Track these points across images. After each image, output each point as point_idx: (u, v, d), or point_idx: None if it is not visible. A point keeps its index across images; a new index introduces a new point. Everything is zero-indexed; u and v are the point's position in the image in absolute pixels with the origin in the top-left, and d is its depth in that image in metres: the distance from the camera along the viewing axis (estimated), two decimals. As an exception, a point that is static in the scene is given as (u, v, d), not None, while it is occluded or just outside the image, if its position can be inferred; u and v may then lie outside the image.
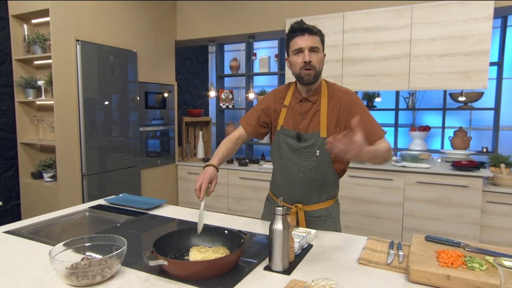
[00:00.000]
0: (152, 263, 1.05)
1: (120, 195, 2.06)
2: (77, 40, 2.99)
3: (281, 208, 1.14)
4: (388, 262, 1.19)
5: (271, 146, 1.67)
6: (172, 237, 1.26)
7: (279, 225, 1.13)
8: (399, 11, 3.18)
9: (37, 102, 3.22)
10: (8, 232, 1.48)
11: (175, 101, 4.24)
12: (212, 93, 4.43)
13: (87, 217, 1.78)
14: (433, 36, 3.08)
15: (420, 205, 3.06)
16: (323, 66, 1.52)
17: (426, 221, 3.05)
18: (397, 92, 3.90)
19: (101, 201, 1.97)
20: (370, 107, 3.94)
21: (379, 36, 3.27)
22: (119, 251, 1.08)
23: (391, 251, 1.26)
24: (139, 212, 1.79)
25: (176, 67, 4.32)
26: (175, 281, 1.07)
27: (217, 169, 1.48)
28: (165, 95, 4.07)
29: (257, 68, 4.68)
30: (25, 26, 3.11)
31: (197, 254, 1.20)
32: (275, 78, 4.59)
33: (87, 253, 1.17)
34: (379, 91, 3.93)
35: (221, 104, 4.74)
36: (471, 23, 2.95)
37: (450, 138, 3.59)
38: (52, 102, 2.94)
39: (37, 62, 3.20)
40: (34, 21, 3.15)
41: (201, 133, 4.45)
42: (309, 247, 1.34)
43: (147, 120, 3.83)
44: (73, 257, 1.13)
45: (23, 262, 1.20)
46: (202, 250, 1.23)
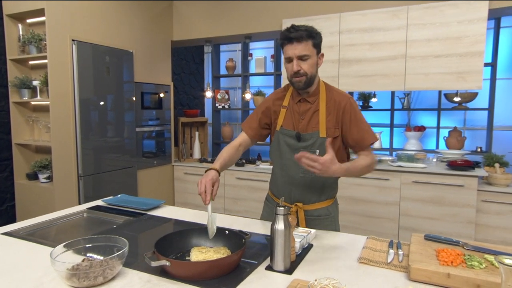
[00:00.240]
0: (154, 263, 1.05)
1: (118, 195, 2.05)
2: (73, 40, 2.97)
3: (282, 208, 1.15)
4: (389, 261, 1.20)
5: (271, 146, 1.68)
6: (173, 238, 1.26)
7: (280, 225, 1.13)
8: (395, 12, 3.20)
9: (32, 103, 3.19)
10: (6, 233, 1.46)
11: (171, 102, 4.22)
12: (209, 93, 4.43)
13: (85, 218, 1.77)
14: (429, 37, 3.10)
15: (416, 204, 3.09)
16: (317, 68, 1.53)
17: (422, 220, 3.08)
18: (392, 93, 3.93)
19: (99, 202, 1.95)
20: (366, 107, 3.96)
21: (375, 36, 3.29)
22: (120, 252, 1.07)
23: (391, 250, 1.27)
24: (137, 213, 1.79)
25: (172, 67, 4.30)
26: (177, 281, 1.06)
27: (219, 173, 1.44)
28: (161, 95, 4.05)
29: (253, 69, 4.68)
30: (19, 26, 3.09)
31: (198, 255, 1.20)
32: (271, 79, 4.59)
33: (88, 254, 1.17)
34: (375, 92, 3.95)
35: (217, 105, 4.73)
36: (466, 24, 2.98)
37: (445, 138, 3.63)
38: (47, 103, 2.92)
39: (32, 62, 3.17)
40: (29, 20, 3.12)
41: (197, 133, 4.44)
42: (310, 246, 1.35)
43: (143, 121, 3.81)
44: (73, 258, 1.13)
45: (22, 263, 1.19)
46: (203, 250, 1.23)
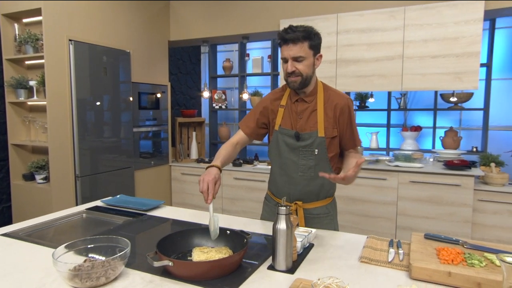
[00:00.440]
0: (156, 264, 1.05)
1: (118, 196, 2.04)
2: (70, 40, 2.95)
3: (284, 207, 1.15)
4: (390, 260, 1.21)
5: (269, 145, 1.68)
6: (174, 238, 1.26)
7: (282, 225, 1.14)
8: (392, 13, 3.22)
9: (29, 103, 3.17)
10: (5, 234, 1.45)
11: (169, 102, 4.21)
12: (206, 94, 4.42)
13: (84, 218, 1.76)
14: (426, 37, 3.12)
15: (413, 204, 3.11)
16: (313, 69, 1.53)
17: (420, 219, 3.10)
18: (389, 93, 3.95)
19: (98, 203, 1.95)
20: (363, 107, 3.98)
21: (372, 37, 3.31)
22: (122, 252, 1.07)
23: (391, 249, 1.28)
24: (137, 213, 1.78)
25: (169, 67, 4.29)
26: (180, 281, 1.06)
27: (221, 170, 1.44)
28: (158, 95, 4.04)
29: (250, 69, 4.68)
30: (16, 26, 3.06)
31: (200, 255, 1.20)
32: (268, 79, 4.60)
33: (89, 255, 1.16)
34: (372, 92, 3.97)
35: (214, 105, 4.73)
36: (462, 25, 3.01)
37: (441, 138, 3.66)
38: (44, 103, 2.90)
39: (28, 62, 3.15)
40: (25, 20, 3.10)
41: (194, 133, 4.44)
42: (310, 246, 1.35)
43: (140, 121, 3.80)
44: (75, 259, 1.12)
45: (22, 265, 1.19)
46: (205, 250, 1.23)
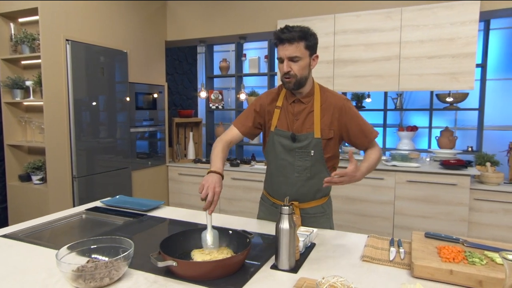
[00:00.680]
0: (160, 264, 1.05)
1: (117, 196, 2.03)
2: (67, 39, 2.94)
3: (287, 207, 1.16)
4: (391, 259, 1.22)
5: (266, 146, 1.67)
6: (176, 238, 1.26)
7: (285, 224, 1.14)
8: (389, 14, 3.24)
9: (25, 103, 3.14)
10: (5, 236, 1.44)
11: (166, 102, 4.20)
12: (203, 94, 4.41)
13: (84, 219, 1.76)
14: (422, 38, 3.15)
15: (410, 203, 3.13)
16: (309, 70, 1.52)
17: (416, 219, 3.12)
18: (385, 93, 3.98)
19: (97, 203, 1.94)
20: (359, 107, 4.00)
21: (369, 38, 3.33)
22: (126, 253, 1.07)
23: (392, 248, 1.29)
24: (137, 214, 1.78)
25: (165, 67, 4.28)
26: (184, 281, 1.07)
27: (223, 177, 1.40)
28: (155, 95, 4.03)
29: (246, 69, 4.68)
30: (11, 25, 3.04)
31: (202, 255, 1.20)
32: (264, 79, 4.60)
33: (92, 256, 1.16)
34: (369, 92, 3.99)
35: (210, 105, 4.72)
36: (458, 26, 3.04)
37: (437, 138, 3.69)
38: (40, 103, 2.88)
39: (24, 62, 3.12)
40: (21, 19, 3.08)
41: (191, 134, 4.43)
42: (312, 245, 1.36)
43: (137, 121, 3.78)
44: (78, 260, 1.12)
45: (24, 266, 1.18)
46: (206, 251, 1.23)
